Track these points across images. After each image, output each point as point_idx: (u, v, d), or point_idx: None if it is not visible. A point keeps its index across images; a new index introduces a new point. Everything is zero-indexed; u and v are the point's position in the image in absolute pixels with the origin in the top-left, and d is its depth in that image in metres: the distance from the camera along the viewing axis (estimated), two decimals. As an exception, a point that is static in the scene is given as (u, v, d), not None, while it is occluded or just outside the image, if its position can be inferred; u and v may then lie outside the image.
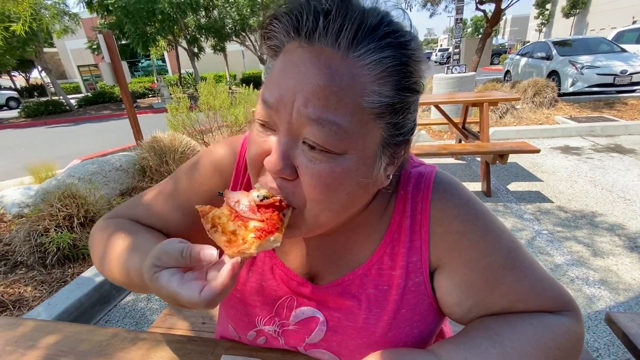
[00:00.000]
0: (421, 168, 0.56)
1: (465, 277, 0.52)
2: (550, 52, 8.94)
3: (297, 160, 0.42)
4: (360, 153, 0.42)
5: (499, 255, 0.51)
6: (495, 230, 0.52)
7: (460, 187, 0.55)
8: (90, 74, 30.44)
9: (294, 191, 0.43)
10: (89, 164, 3.70)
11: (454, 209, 0.52)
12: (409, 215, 0.54)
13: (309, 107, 0.39)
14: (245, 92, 6.18)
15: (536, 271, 0.53)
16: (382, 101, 0.40)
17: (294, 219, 0.45)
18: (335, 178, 0.41)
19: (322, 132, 0.39)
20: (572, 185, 3.53)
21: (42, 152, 7.36)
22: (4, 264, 2.50)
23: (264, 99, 0.43)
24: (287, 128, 0.41)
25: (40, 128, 12.13)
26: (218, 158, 0.64)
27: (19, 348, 0.70)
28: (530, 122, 6.03)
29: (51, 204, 2.58)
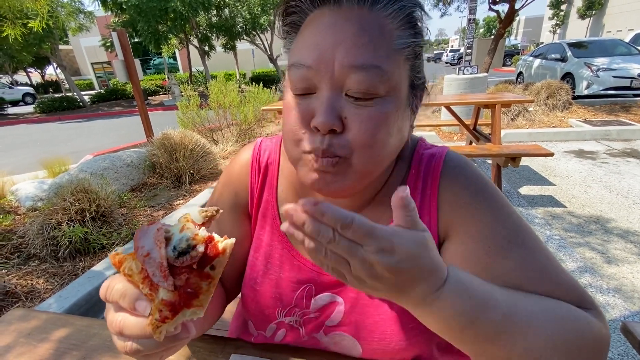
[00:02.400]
0: (433, 149, 0.60)
1: (464, 247, 0.52)
2: (564, 53, 8.76)
3: (344, 111, 0.45)
4: (398, 94, 0.46)
5: (504, 228, 0.50)
6: (503, 206, 0.52)
7: (470, 165, 0.57)
8: (103, 71, 30.95)
9: (342, 144, 0.45)
10: (101, 159, 3.76)
11: (462, 182, 0.54)
12: (419, 192, 0.56)
13: (351, 57, 0.43)
14: (255, 90, 6.20)
15: (549, 257, 0.50)
16: (408, 42, 0.46)
17: (341, 167, 0.46)
18: (381, 120, 0.45)
19: (367, 76, 0.43)
20: (586, 190, 3.46)
21: (55, 147, 7.51)
22: (17, 255, 2.55)
23: (300, 63, 0.46)
24: (330, 83, 0.44)
25: (54, 123, 12.38)
26: (238, 166, 0.68)
27: (32, 340, 0.71)
28: (543, 125, 5.92)
29: (64, 198, 2.63)
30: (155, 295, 0.33)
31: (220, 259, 0.34)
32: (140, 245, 0.34)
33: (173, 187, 3.92)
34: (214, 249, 0.34)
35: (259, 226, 0.65)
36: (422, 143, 0.61)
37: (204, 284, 0.34)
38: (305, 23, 0.48)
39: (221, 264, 0.35)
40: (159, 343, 0.35)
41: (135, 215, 3.19)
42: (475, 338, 0.38)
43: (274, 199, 0.64)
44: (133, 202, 3.37)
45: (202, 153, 4.16)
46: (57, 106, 14.83)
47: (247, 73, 20.91)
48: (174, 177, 3.98)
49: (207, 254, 0.34)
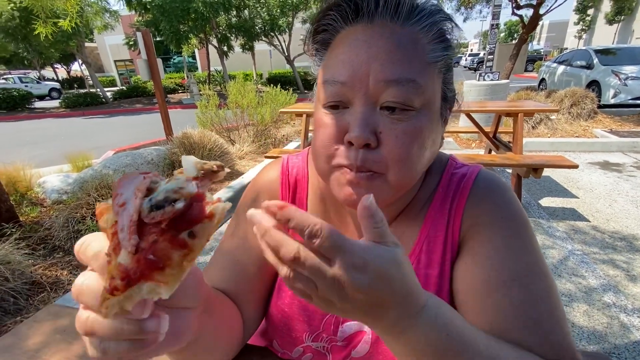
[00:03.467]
0: (464, 169, 0.58)
1: (465, 267, 0.51)
2: (591, 60, 8.50)
3: (379, 126, 0.45)
4: (432, 107, 0.47)
5: (514, 263, 0.48)
6: (523, 241, 0.50)
7: (504, 189, 0.55)
8: (125, 69, 31.82)
9: (376, 159, 0.46)
10: (123, 156, 3.87)
11: (488, 205, 0.53)
12: (446, 212, 0.55)
13: (387, 72, 0.44)
14: (272, 92, 6.26)
15: (552, 311, 0.46)
16: (440, 55, 0.47)
17: (376, 181, 0.47)
18: (416, 134, 0.45)
19: (402, 90, 0.44)
20: (611, 204, 3.34)
21: (79, 142, 7.77)
22: (43, 247, 2.65)
23: (334, 80, 0.46)
24: (364, 98, 0.45)
25: (78, 118, 12.79)
26: (265, 182, 0.67)
27: (67, 337, 0.74)
28: (566, 135, 5.76)
29: (88, 193, 2.72)
30: (115, 257, 0.25)
31: (204, 225, 0.26)
32: (119, 193, 0.27)
33: (191, 186, 3.99)
34: (199, 211, 0.26)
35: None
36: (453, 162, 0.60)
37: (176, 255, 0.25)
38: (336, 40, 0.49)
39: (205, 232, 0.26)
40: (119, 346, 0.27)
41: (154, 212, 3.26)
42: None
43: None
44: (153, 199, 3.46)
45: (220, 153, 4.23)
46: (81, 102, 15.33)
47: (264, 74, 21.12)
48: (192, 175, 4.06)
49: (187, 215, 0.25)
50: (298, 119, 7.46)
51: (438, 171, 0.59)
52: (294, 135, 6.36)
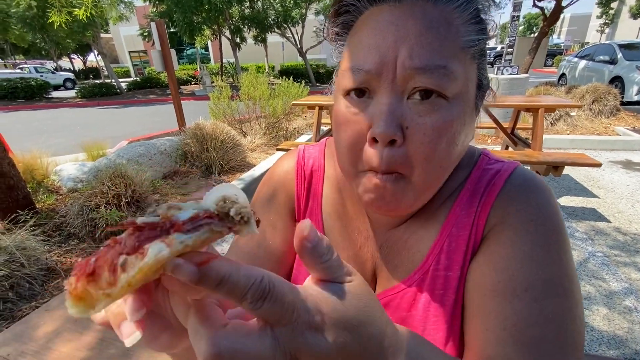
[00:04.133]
0: (498, 165, 0.53)
1: (477, 266, 0.47)
2: (614, 55, 8.17)
3: (406, 119, 0.41)
4: (465, 97, 0.42)
5: (531, 273, 0.43)
6: (550, 252, 0.44)
7: (542, 189, 0.48)
8: (139, 60, 32.16)
9: (401, 158, 0.41)
10: (136, 146, 3.90)
11: (519, 204, 0.47)
12: (474, 210, 0.50)
13: (415, 58, 0.39)
14: (285, 84, 6.22)
15: (562, 335, 0.41)
16: (475, 39, 0.42)
17: (400, 184, 0.43)
18: (446, 128, 0.41)
19: (432, 78, 0.39)
20: (634, 204, 3.21)
21: (94, 131, 7.89)
22: (58, 234, 2.70)
23: (358, 68, 0.42)
24: (390, 87, 0.41)
25: (93, 108, 13.01)
26: (280, 173, 0.65)
27: (78, 327, 0.73)
28: (586, 132, 5.56)
29: (102, 182, 2.75)
30: None
31: (132, 260, 0.20)
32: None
33: (203, 177, 4.01)
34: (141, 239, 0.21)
35: None
36: (486, 157, 0.55)
37: (103, 278, 0.21)
38: (359, 22, 0.44)
39: (132, 267, 0.20)
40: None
41: (166, 202, 3.28)
42: None
43: (319, 208, 0.61)
44: (165, 189, 3.48)
45: (232, 144, 4.22)
46: (97, 92, 15.57)
47: (276, 66, 21.05)
48: (204, 166, 4.07)
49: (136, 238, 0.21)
50: (310, 112, 7.43)
51: (467, 166, 0.54)
52: (305, 129, 6.33)
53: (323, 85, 16.40)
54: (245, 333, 0.23)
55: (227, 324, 0.23)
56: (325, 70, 17.63)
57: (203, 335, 0.22)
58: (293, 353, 0.23)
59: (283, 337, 0.22)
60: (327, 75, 17.23)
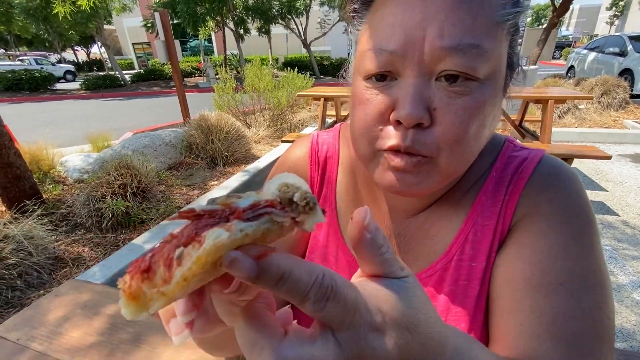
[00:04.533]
0: (524, 152, 0.50)
1: (506, 258, 0.45)
2: (624, 47, 8.01)
3: (434, 101, 0.38)
4: (497, 76, 0.39)
5: (566, 266, 0.41)
6: (584, 243, 0.42)
7: (573, 178, 0.46)
8: (143, 52, 32.06)
9: (429, 141, 0.39)
10: (141, 137, 3.90)
11: (551, 193, 0.45)
12: (500, 198, 0.48)
13: (445, 37, 0.36)
14: (289, 75, 6.17)
15: (599, 328, 0.40)
16: (511, 12, 0.38)
17: (425, 166, 0.40)
18: (477, 110, 0.38)
19: (464, 59, 0.36)
20: (643, 198, 3.17)
21: (99, 123, 7.91)
22: (65, 224, 2.72)
23: (381, 48, 0.39)
24: (417, 69, 0.37)
25: (97, 100, 13.02)
26: (293, 159, 0.63)
27: (88, 312, 0.73)
28: (594, 125, 5.48)
29: (108, 173, 2.75)
30: None
31: (189, 251, 0.18)
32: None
33: (208, 168, 4.01)
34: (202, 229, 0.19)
35: (316, 225, 0.61)
36: (511, 144, 0.53)
37: (158, 275, 0.19)
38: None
39: (187, 261, 0.18)
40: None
41: (172, 193, 3.30)
42: None
43: (333, 195, 0.60)
44: (170, 180, 3.49)
45: (237, 136, 4.21)
46: (101, 84, 15.57)
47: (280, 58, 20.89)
48: (209, 158, 4.07)
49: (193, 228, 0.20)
50: (314, 104, 7.38)
51: (492, 152, 0.52)
52: (309, 121, 6.29)
53: (327, 77, 16.26)
54: (308, 341, 0.20)
55: (287, 332, 0.21)
56: (330, 63, 17.43)
57: (265, 346, 0.19)
58: (356, 358, 0.20)
59: (346, 342, 0.20)
60: (331, 68, 17.04)
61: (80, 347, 0.64)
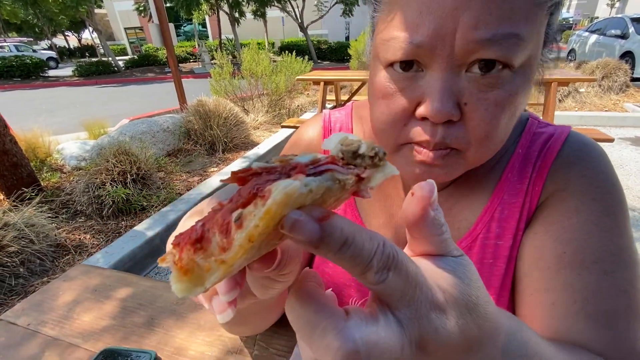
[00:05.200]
0: (550, 128, 0.49)
1: (535, 237, 0.44)
2: (626, 29, 7.88)
3: (464, 95, 0.35)
4: (532, 62, 0.36)
5: (600, 244, 0.40)
6: (616, 220, 0.41)
7: (602, 154, 0.45)
8: (135, 37, 31.32)
9: (459, 135, 0.37)
10: (139, 123, 3.84)
11: (581, 169, 0.44)
12: (527, 176, 0.47)
13: (480, 27, 0.32)
14: (287, 60, 6.05)
15: (632, 308, 0.39)
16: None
17: (452, 159, 0.39)
18: (510, 103, 0.36)
19: (500, 50, 0.32)
20: (643, 181, 3.18)
21: (94, 110, 7.77)
22: (65, 211, 2.70)
23: (406, 40, 0.35)
24: (447, 61, 0.34)
25: (91, 87, 12.78)
26: (307, 139, 0.61)
27: (98, 297, 0.72)
28: (595, 108, 5.45)
29: (107, 160, 2.72)
30: None
31: (251, 210, 0.16)
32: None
33: (207, 155, 3.97)
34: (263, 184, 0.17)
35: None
36: (535, 120, 0.51)
37: (214, 243, 0.17)
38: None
39: (248, 222, 0.16)
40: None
41: (172, 179, 3.27)
42: None
43: None
44: (170, 167, 3.45)
45: (235, 122, 4.15)
46: (94, 70, 15.25)
47: (276, 42, 20.48)
48: (207, 144, 4.02)
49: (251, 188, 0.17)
50: (312, 89, 7.27)
51: (516, 129, 0.50)
52: (308, 106, 6.22)
53: (325, 62, 16.01)
54: (371, 320, 0.18)
55: (347, 312, 0.19)
56: (327, 46, 17.11)
57: (328, 329, 0.17)
58: (418, 340, 0.18)
59: (407, 321, 0.18)
60: (329, 52, 16.76)
61: (93, 331, 0.63)
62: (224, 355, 0.57)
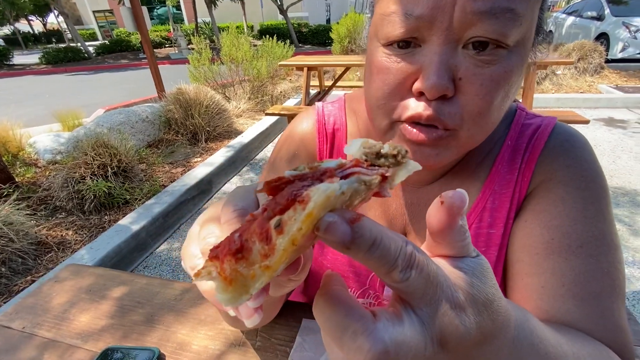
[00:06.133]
0: (537, 119, 0.51)
1: (525, 225, 0.47)
2: (602, 11, 8.06)
3: (460, 70, 0.36)
4: (526, 44, 0.38)
5: (585, 229, 0.43)
6: (600, 206, 0.45)
7: (586, 144, 0.48)
8: (105, 20, 29.66)
9: (453, 112, 0.37)
10: (116, 114, 3.69)
11: (566, 160, 0.46)
12: (516, 167, 0.49)
13: (479, 0, 0.33)
14: (268, 44, 5.90)
15: (615, 287, 0.42)
16: None
17: (446, 139, 0.39)
18: (504, 80, 0.36)
19: (497, 24, 0.34)
20: (615, 160, 3.34)
21: (66, 100, 7.40)
22: (44, 207, 2.60)
23: (406, 12, 0.36)
24: (445, 35, 0.35)
25: (60, 75, 12.12)
26: (301, 133, 0.61)
27: (94, 297, 0.71)
28: (571, 90, 5.62)
29: (85, 152, 2.62)
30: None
31: (293, 215, 0.17)
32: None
33: (189, 144, 3.88)
34: (300, 189, 0.18)
35: None
36: (523, 111, 0.53)
37: (255, 251, 0.18)
38: None
39: (290, 227, 0.17)
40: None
41: (154, 171, 3.19)
42: None
43: None
44: (152, 158, 3.36)
45: (217, 110, 4.06)
46: (62, 57, 14.42)
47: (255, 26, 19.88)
48: (189, 134, 3.93)
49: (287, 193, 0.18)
50: (295, 75, 7.15)
51: (505, 120, 0.52)
52: (291, 92, 6.12)
53: (306, 46, 15.70)
54: (397, 320, 0.19)
55: (374, 313, 0.20)
56: (308, 30, 16.73)
57: (359, 331, 0.18)
58: (439, 338, 0.19)
59: (427, 319, 0.19)
60: (310, 35, 16.41)
61: (91, 331, 0.62)
62: (227, 348, 0.58)
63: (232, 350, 0.58)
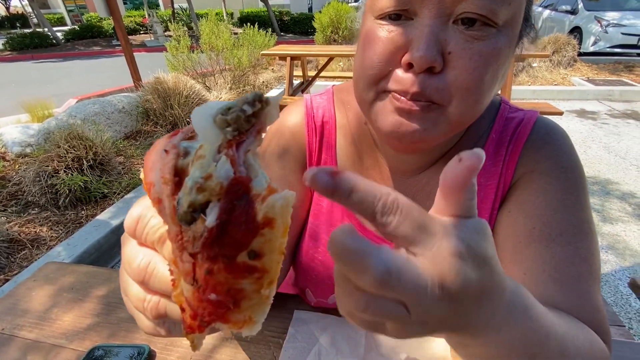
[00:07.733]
0: (520, 113, 0.53)
1: (508, 215, 0.49)
2: (576, 5, 8.31)
3: (449, 44, 0.37)
4: (515, 25, 0.38)
5: (564, 217, 0.46)
6: (578, 196, 0.47)
7: (565, 137, 0.51)
8: (74, 4, 28.03)
9: (441, 86, 0.38)
10: (89, 104, 3.53)
11: (547, 152, 0.49)
12: (500, 160, 0.51)
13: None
14: (249, 32, 5.76)
15: (592, 271, 0.44)
16: None
17: (433, 113, 0.40)
18: (493, 57, 0.37)
19: (487, 0, 0.34)
20: (586, 150, 3.50)
21: (34, 89, 6.99)
22: (15, 203, 2.48)
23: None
24: (436, 8, 0.36)
25: (27, 63, 11.41)
26: (290, 127, 0.60)
27: (76, 295, 0.69)
28: (545, 82, 5.81)
29: (58, 145, 2.50)
30: (179, 278, 0.19)
31: (264, 239, 0.17)
32: (149, 181, 0.20)
33: (169, 136, 3.77)
34: (247, 217, 0.17)
35: None
36: (506, 105, 0.54)
37: (246, 284, 0.17)
38: None
39: (270, 245, 0.17)
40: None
41: (133, 164, 3.09)
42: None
43: (333, 159, 0.59)
44: (130, 151, 3.25)
45: (198, 100, 3.94)
46: (28, 43, 13.54)
47: (235, 13, 19.32)
48: (169, 125, 3.81)
49: (234, 223, 0.17)
50: (278, 64, 7.03)
51: (490, 113, 0.53)
52: (274, 82, 6.03)
53: (288, 34, 15.42)
54: (398, 252, 0.20)
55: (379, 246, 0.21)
56: (290, 18, 16.39)
57: (366, 252, 0.19)
58: (440, 282, 0.20)
59: (427, 264, 0.20)
60: (292, 24, 16.09)
61: (77, 331, 0.60)
62: (220, 342, 0.58)
63: (224, 344, 0.58)
